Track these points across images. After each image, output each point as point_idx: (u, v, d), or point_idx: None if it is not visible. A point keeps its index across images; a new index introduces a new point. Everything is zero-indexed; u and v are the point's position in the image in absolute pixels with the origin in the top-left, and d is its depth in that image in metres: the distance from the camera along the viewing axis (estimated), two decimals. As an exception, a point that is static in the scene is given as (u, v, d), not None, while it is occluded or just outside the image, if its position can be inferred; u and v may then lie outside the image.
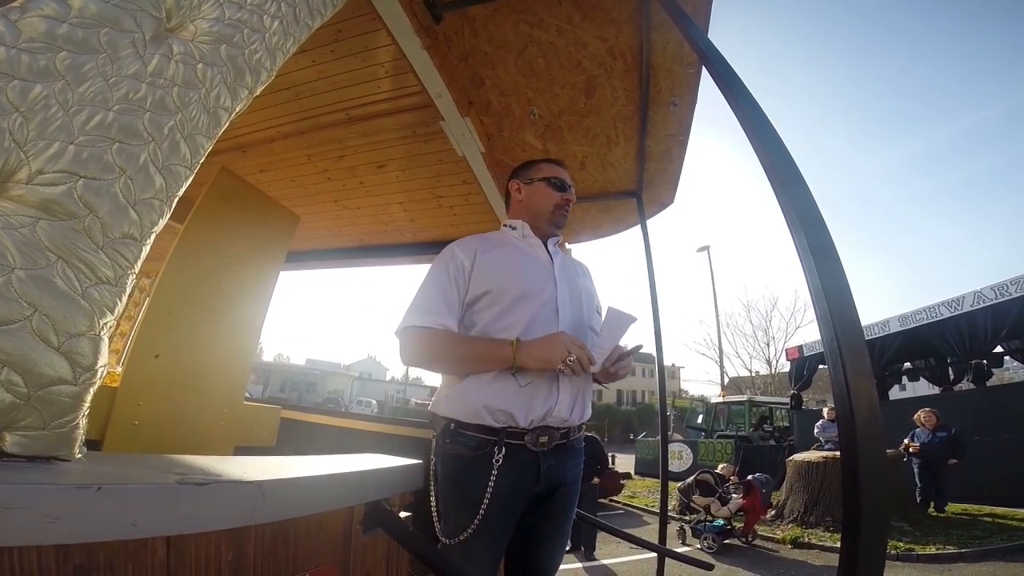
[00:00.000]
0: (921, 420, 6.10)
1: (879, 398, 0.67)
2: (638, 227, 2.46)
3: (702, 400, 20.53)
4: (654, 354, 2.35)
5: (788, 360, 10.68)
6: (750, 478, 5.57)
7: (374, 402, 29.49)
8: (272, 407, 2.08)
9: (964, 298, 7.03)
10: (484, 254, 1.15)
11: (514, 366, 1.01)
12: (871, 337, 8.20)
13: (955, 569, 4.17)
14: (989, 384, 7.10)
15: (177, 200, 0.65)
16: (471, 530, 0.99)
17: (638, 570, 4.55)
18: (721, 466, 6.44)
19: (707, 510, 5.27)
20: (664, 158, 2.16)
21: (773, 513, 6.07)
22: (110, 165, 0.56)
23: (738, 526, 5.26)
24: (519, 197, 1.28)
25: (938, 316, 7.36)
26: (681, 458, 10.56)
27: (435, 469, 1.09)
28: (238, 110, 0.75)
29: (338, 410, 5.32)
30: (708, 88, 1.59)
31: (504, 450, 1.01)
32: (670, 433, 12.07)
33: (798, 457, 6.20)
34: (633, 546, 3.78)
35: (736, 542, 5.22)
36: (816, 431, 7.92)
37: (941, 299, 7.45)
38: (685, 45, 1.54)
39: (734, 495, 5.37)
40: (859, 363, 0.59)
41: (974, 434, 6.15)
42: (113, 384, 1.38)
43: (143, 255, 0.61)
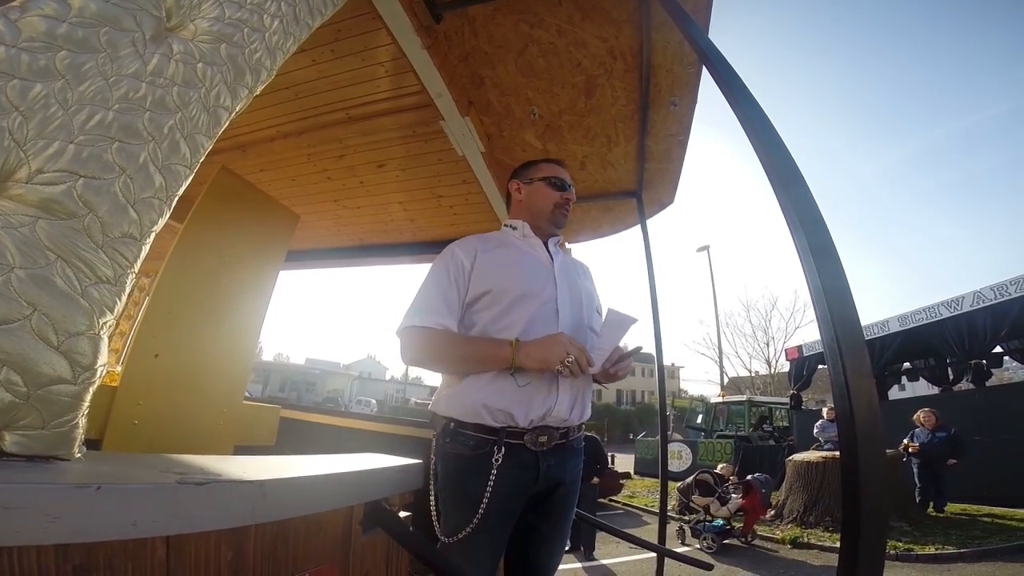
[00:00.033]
0: (920, 420, 6.10)
1: (879, 398, 0.67)
2: (638, 227, 2.46)
3: (702, 400, 20.51)
4: (654, 354, 2.34)
5: (788, 360, 10.69)
6: (749, 478, 5.58)
7: (374, 401, 29.45)
8: (272, 406, 2.08)
9: (964, 298, 7.03)
10: (484, 254, 1.15)
11: (513, 366, 1.01)
12: (871, 337, 8.21)
13: (954, 569, 4.17)
14: (988, 384, 7.11)
15: (177, 199, 0.65)
16: (470, 529, 0.99)
17: (638, 570, 4.55)
18: (720, 466, 6.45)
19: (706, 510, 5.28)
20: (664, 158, 2.16)
21: (772, 513, 6.07)
22: (110, 164, 0.56)
23: (737, 526, 5.26)
24: (519, 197, 1.29)
25: (938, 316, 7.37)
26: (681, 458, 10.57)
27: (435, 468, 1.09)
28: (238, 109, 0.75)
29: (338, 409, 5.32)
30: (708, 88, 1.58)
31: (503, 449, 1.01)
32: (670, 433, 12.06)
33: (797, 457, 6.20)
34: (633, 546, 3.79)
35: (735, 542, 5.22)
36: (816, 431, 7.92)
37: (941, 299, 7.47)
38: (685, 45, 1.54)
39: (733, 495, 5.38)
40: (859, 363, 0.59)
41: (973, 434, 6.15)
42: (113, 383, 1.38)
43: (143, 254, 0.61)
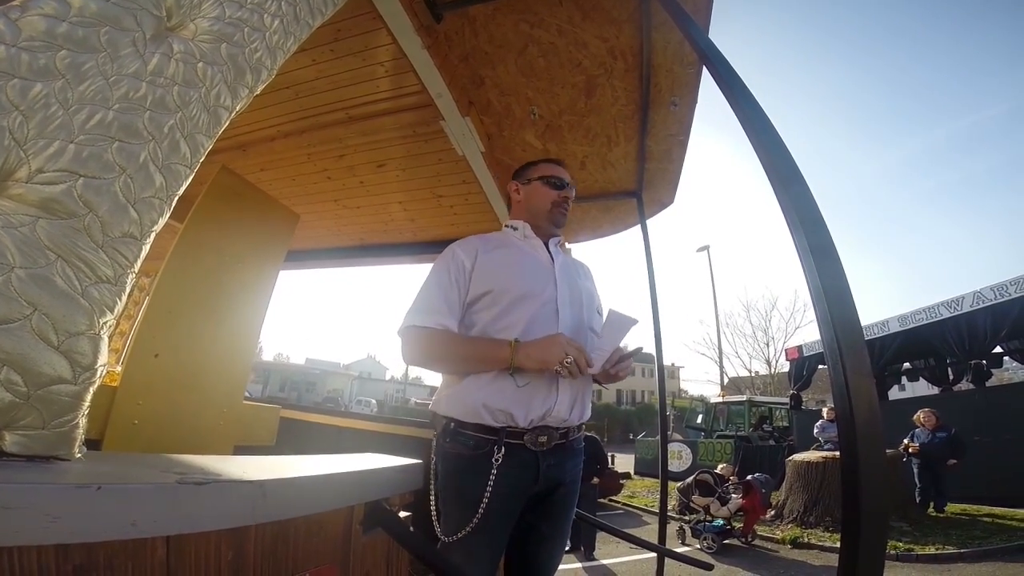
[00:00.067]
0: (921, 420, 6.10)
1: (879, 398, 0.67)
2: (638, 227, 2.46)
3: (702, 400, 20.51)
4: (654, 354, 2.34)
5: (788, 360, 10.68)
6: (749, 478, 5.57)
7: (374, 401, 29.44)
8: (272, 406, 2.08)
9: (964, 298, 7.03)
10: (485, 254, 1.16)
11: (511, 366, 1.01)
12: (871, 337, 8.21)
13: (954, 569, 4.17)
14: (988, 384, 7.11)
15: (177, 199, 0.65)
16: (470, 528, 0.99)
17: (638, 570, 4.55)
18: (721, 466, 6.45)
19: (706, 510, 5.28)
20: (664, 158, 2.16)
21: (772, 513, 6.07)
22: (110, 164, 0.56)
23: (738, 526, 5.26)
24: (518, 198, 1.30)
25: (938, 316, 7.37)
26: (681, 458, 10.56)
27: (435, 468, 1.09)
28: (238, 109, 0.75)
29: (338, 409, 5.32)
30: (708, 88, 1.59)
31: (503, 449, 1.01)
32: (670, 433, 12.06)
33: (797, 457, 6.20)
34: (633, 546, 3.78)
35: (735, 542, 5.22)
36: (816, 431, 7.92)
37: (941, 299, 7.47)
38: (685, 45, 1.54)
39: (733, 495, 5.38)
40: (859, 363, 0.59)
41: (974, 434, 6.15)
42: (113, 383, 1.38)
43: (143, 254, 0.61)
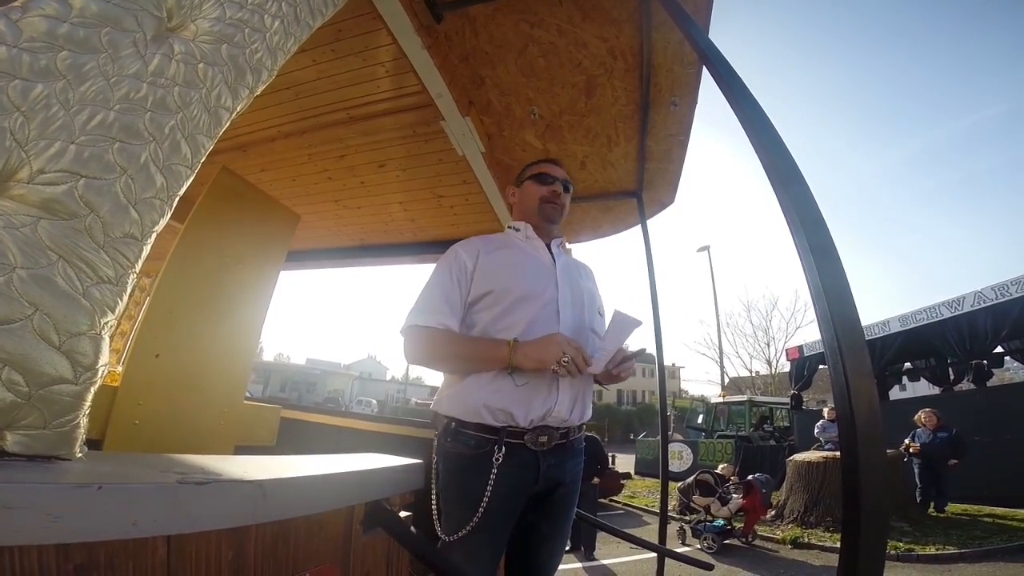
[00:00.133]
0: (921, 420, 6.10)
1: (879, 398, 0.67)
2: (638, 227, 2.46)
3: (702, 400, 20.49)
4: (654, 354, 2.34)
5: (788, 360, 10.68)
6: (750, 478, 5.57)
7: (374, 402, 29.46)
8: (272, 407, 2.08)
9: (964, 298, 7.02)
10: (487, 255, 1.16)
11: (509, 366, 1.02)
12: (871, 337, 8.20)
13: (955, 569, 4.17)
14: (989, 384, 7.10)
15: (178, 199, 0.65)
16: (470, 528, 0.99)
17: (638, 570, 4.55)
18: (721, 466, 6.44)
19: (707, 510, 5.27)
20: (664, 158, 2.16)
21: (773, 513, 6.07)
22: (111, 164, 0.56)
23: (738, 526, 5.26)
24: (514, 200, 1.34)
25: (938, 316, 7.36)
26: (681, 458, 10.56)
27: (437, 467, 1.10)
28: (239, 109, 0.75)
29: (338, 409, 5.32)
30: (708, 88, 1.59)
31: (504, 449, 1.02)
32: (670, 433, 12.07)
33: (798, 457, 6.20)
34: (633, 546, 3.78)
35: (736, 542, 5.22)
36: (816, 431, 7.92)
37: (941, 299, 7.46)
38: (686, 45, 1.54)
39: (734, 495, 5.37)
40: (859, 363, 0.59)
41: (974, 434, 6.14)
42: (114, 383, 1.38)
43: (144, 254, 0.61)
